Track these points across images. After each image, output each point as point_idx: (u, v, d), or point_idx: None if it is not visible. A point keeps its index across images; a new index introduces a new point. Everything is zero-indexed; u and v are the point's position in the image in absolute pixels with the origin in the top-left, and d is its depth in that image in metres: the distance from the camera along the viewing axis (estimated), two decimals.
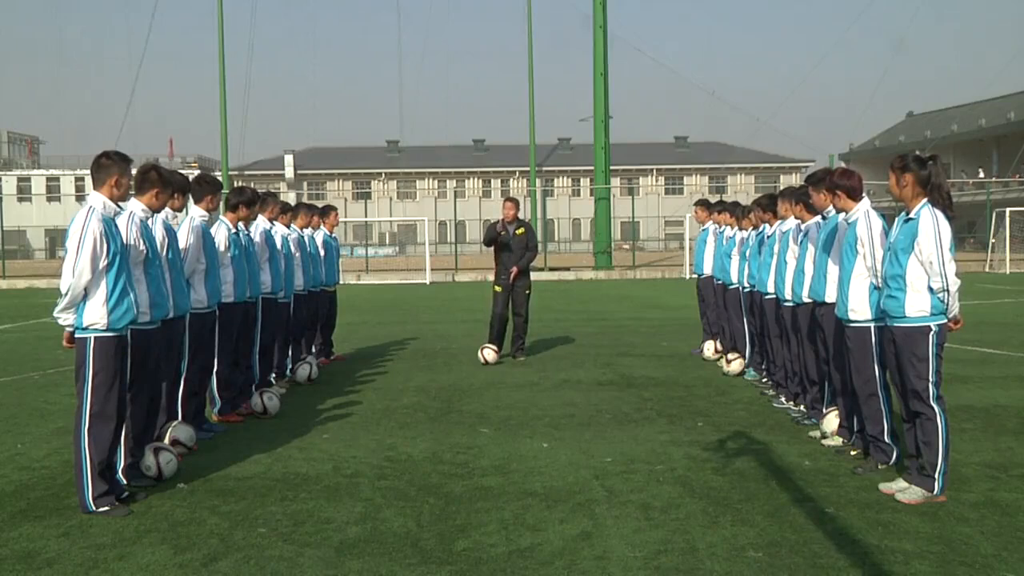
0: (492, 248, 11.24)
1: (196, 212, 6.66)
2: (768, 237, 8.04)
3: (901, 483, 5.15)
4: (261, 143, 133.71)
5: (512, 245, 11.04)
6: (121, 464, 5.33)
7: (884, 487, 5.18)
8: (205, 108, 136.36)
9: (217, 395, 7.29)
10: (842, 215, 5.90)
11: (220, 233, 7.14)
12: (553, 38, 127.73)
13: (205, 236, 6.62)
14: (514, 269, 11.01)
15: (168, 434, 6.10)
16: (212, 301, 6.66)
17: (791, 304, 7.16)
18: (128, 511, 4.94)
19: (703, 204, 11.24)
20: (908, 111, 78.22)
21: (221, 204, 7.10)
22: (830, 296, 6.14)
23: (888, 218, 5.62)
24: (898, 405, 5.35)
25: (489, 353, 10.66)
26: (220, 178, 41.85)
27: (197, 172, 9.60)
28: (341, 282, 13.41)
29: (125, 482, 5.32)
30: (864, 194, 5.82)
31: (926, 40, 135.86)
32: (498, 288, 11.18)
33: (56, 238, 65.71)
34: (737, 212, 9.71)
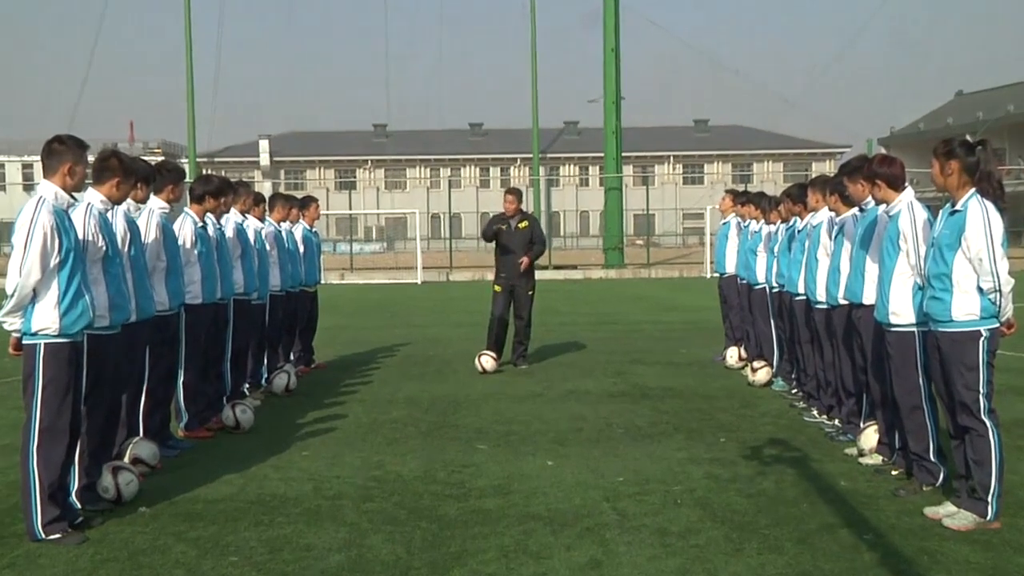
0: (493, 244, 11.26)
1: (155, 204, 6.66)
2: (798, 231, 8.04)
3: (949, 507, 5.14)
4: (233, 127, 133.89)
5: (513, 243, 11.05)
6: (75, 486, 5.33)
7: (930, 512, 5.18)
8: (170, 88, 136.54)
9: (184, 408, 7.29)
10: (882, 207, 5.89)
11: (186, 227, 7.14)
12: (559, 10, 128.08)
13: (165, 231, 6.63)
14: (524, 260, 10.97)
15: (128, 452, 6.10)
16: (174, 303, 6.66)
17: (824, 306, 7.16)
18: (83, 539, 4.94)
19: (731, 193, 11.22)
20: (957, 90, 78.03)
21: (185, 195, 7.11)
22: (868, 297, 6.14)
23: (933, 210, 5.61)
24: (945, 419, 5.34)
25: (487, 361, 10.66)
26: (187, 166, 42.20)
27: (161, 159, 9.61)
28: (323, 281, 13.39)
29: (79, 506, 5.32)
30: (907, 183, 5.81)
31: (979, 10, 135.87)
32: (497, 288, 11.19)
33: (2, 232, 65.75)
34: (763, 204, 9.70)
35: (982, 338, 4.99)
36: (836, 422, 7.32)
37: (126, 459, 6.00)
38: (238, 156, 77.84)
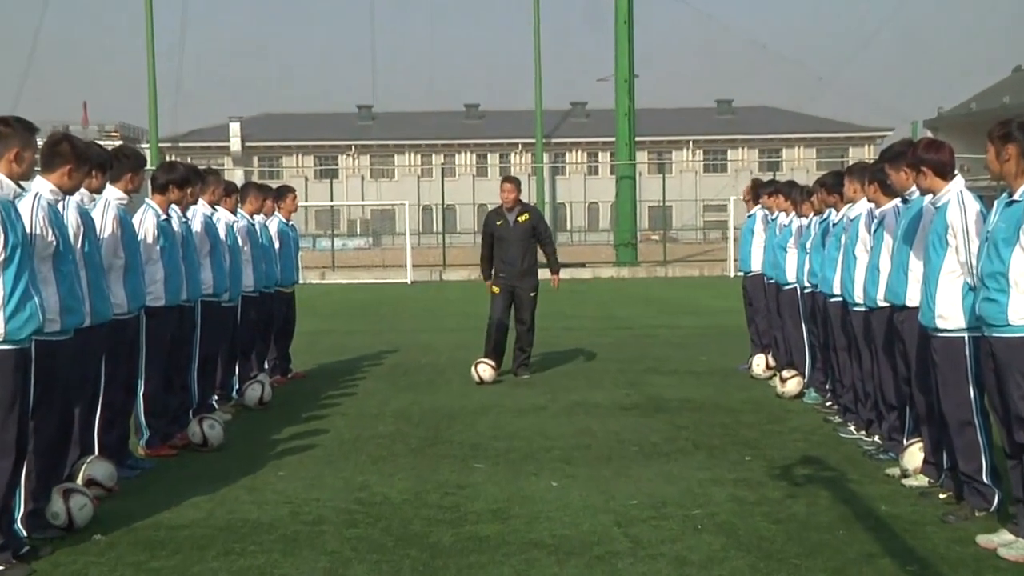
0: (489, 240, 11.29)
1: (112, 194, 6.64)
2: (833, 225, 8.04)
3: (1005, 535, 5.12)
4: (200, 108, 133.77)
5: (513, 238, 11.05)
6: (20, 511, 5.30)
7: (983, 540, 5.16)
8: (129, 64, 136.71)
9: (144, 423, 7.28)
10: (928, 197, 5.88)
11: (147, 220, 7.14)
12: None
13: (123, 224, 6.61)
14: (554, 279, 11.56)
15: (82, 472, 6.08)
16: (133, 304, 6.65)
17: (862, 309, 7.15)
18: (29, 571, 4.92)
19: (759, 182, 11.21)
20: (1015, 65, 77.82)
21: (147, 184, 7.10)
22: (912, 299, 6.12)
23: (987, 200, 5.59)
24: (999, 436, 5.32)
25: (485, 370, 10.65)
26: (148, 151, 42.25)
27: (119, 144, 9.58)
28: (301, 281, 13.39)
29: (25, 534, 5.30)
30: (956, 171, 5.80)
31: None
32: (496, 289, 11.18)
33: None
34: (794, 194, 9.70)
35: None
36: (876, 439, 7.30)
37: (79, 481, 5.98)
38: (206, 140, 77.89)
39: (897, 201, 6.68)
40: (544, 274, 11.39)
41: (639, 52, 37.04)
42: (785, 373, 9.54)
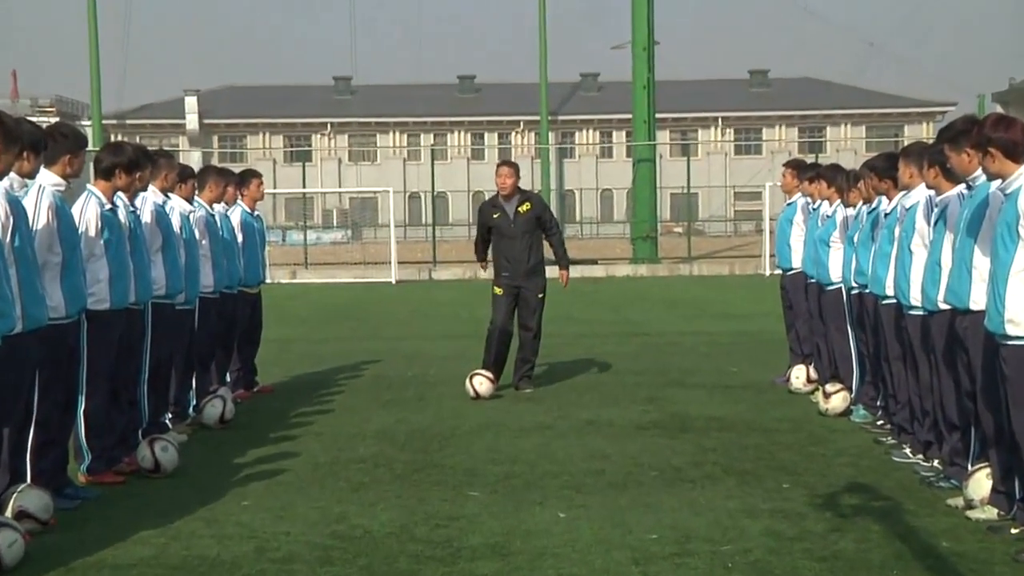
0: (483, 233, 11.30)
1: (47, 179, 6.63)
2: (886, 215, 8.03)
3: None
4: (151, 79, 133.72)
5: (513, 230, 11.05)
6: None
7: None
8: (67, 27, 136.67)
9: (86, 445, 7.28)
10: (995, 183, 5.87)
11: (89, 210, 7.13)
12: None
13: (60, 214, 6.60)
14: (563, 275, 11.52)
15: (11, 503, 6.07)
16: (72, 308, 6.64)
17: (920, 312, 7.15)
18: None
19: (796, 166, 11.19)
20: None
21: (88, 168, 7.09)
22: (977, 301, 6.12)
23: None
24: None
25: (482, 383, 10.65)
26: (90, 130, 42.28)
27: (55, 121, 9.58)
28: (269, 280, 13.35)
29: None
30: None
31: None
32: (498, 290, 11.18)
33: None
34: (839, 180, 9.69)
35: None
36: (935, 463, 7.30)
37: (8, 513, 5.97)
38: (158, 117, 77.95)
39: (961, 187, 6.66)
40: (553, 272, 11.39)
41: (660, 15, 37.22)
42: (829, 387, 9.53)
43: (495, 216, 11.11)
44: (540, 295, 11.18)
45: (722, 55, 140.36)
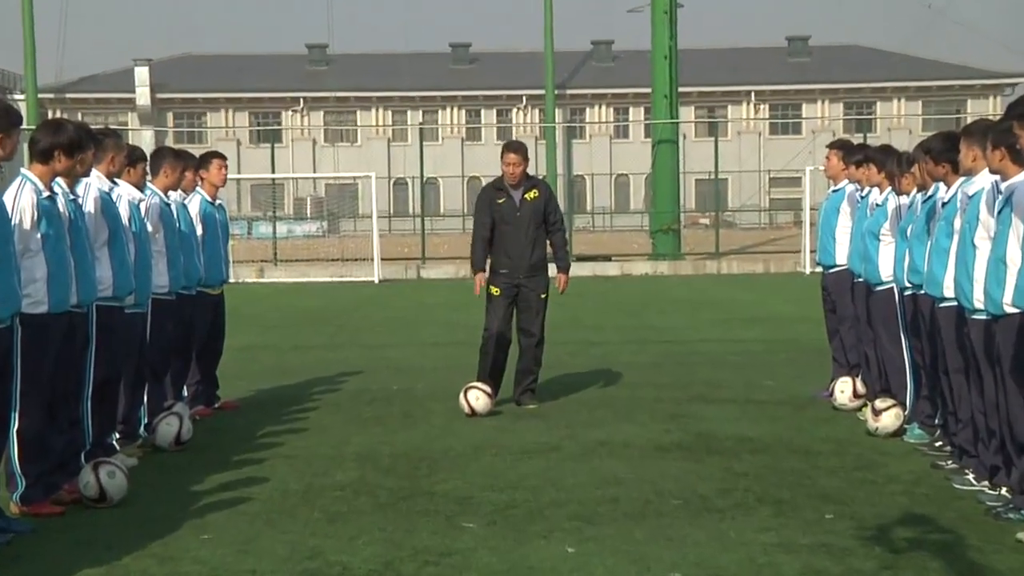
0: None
1: None
2: (944, 204, 8.02)
3: None
4: (95, 48, 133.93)
5: (518, 222, 11.06)
6: None
7: None
8: None
9: (19, 470, 7.27)
10: None
11: (24, 198, 7.12)
12: None
13: None
14: (561, 279, 11.36)
15: None
16: (4, 311, 6.63)
17: (984, 316, 7.15)
18: None
19: (841, 147, 11.17)
20: None
21: (22, 151, 7.07)
22: None
23: None
24: None
25: (478, 397, 10.66)
26: (24, 106, 42.23)
27: None
28: (232, 279, 13.34)
29: None
30: None
31: None
32: (495, 291, 11.18)
33: None
34: (890, 164, 9.68)
35: None
36: (1003, 491, 7.29)
37: None
38: (103, 91, 78.04)
39: None
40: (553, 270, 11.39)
41: None
42: (879, 403, 9.52)
43: (500, 201, 11.10)
44: (543, 295, 11.19)
45: (756, 19, 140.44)
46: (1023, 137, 6.48)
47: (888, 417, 9.36)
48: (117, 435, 8.80)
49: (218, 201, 11.27)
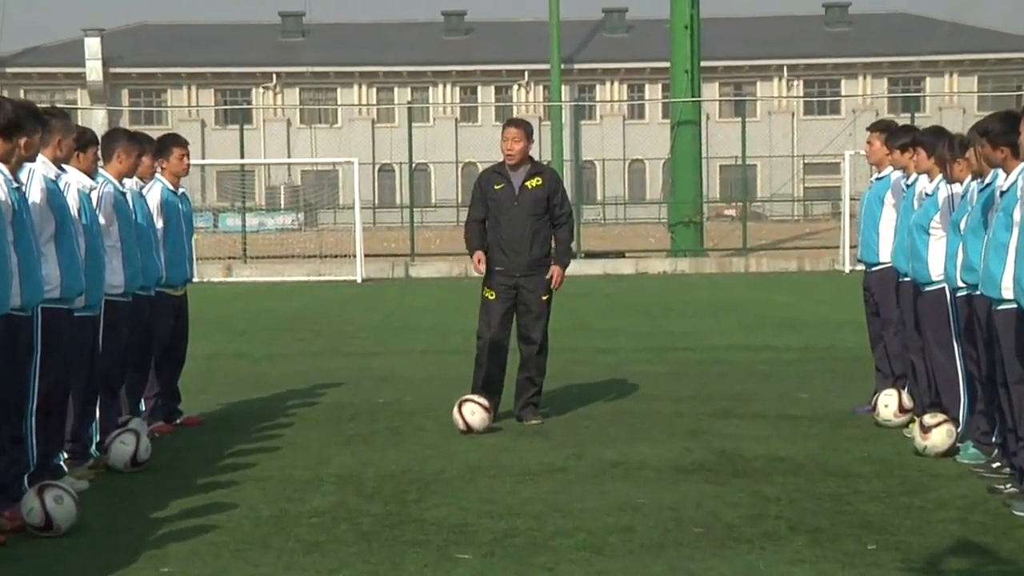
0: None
1: None
2: (1002, 194, 8.01)
3: None
4: (38, 17, 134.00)
5: (518, 210, 11.07)
6: None
7: None
8: None
9: None
10: None
11: None
12: None
13: None
14: (555, 271, 11.17)
15: None
16: None
17: None
18: None
19: (886, 129, 11.17)
20: None
21: None
22: None
23: None
24: None
25: (475, 412, 10.66)
26: None
27: None
28: (196, 279, 13.34)
29: None
30: None
31: None
32: (490, 294, 11.19)
33: None
34: (941, 148, 9.68)
35: None
36: None
37: None
38: (48, 65, 78.08)
39: None
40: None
41: None
42: (928, 418, 9.50)
43: (497, 187, 11.06)
44: (545, 296, 11.18)
45: None
46: None
47: (938, 434, 9.34)
48: (65, 455, 8.79)
49: (180, 190, 11.26)
